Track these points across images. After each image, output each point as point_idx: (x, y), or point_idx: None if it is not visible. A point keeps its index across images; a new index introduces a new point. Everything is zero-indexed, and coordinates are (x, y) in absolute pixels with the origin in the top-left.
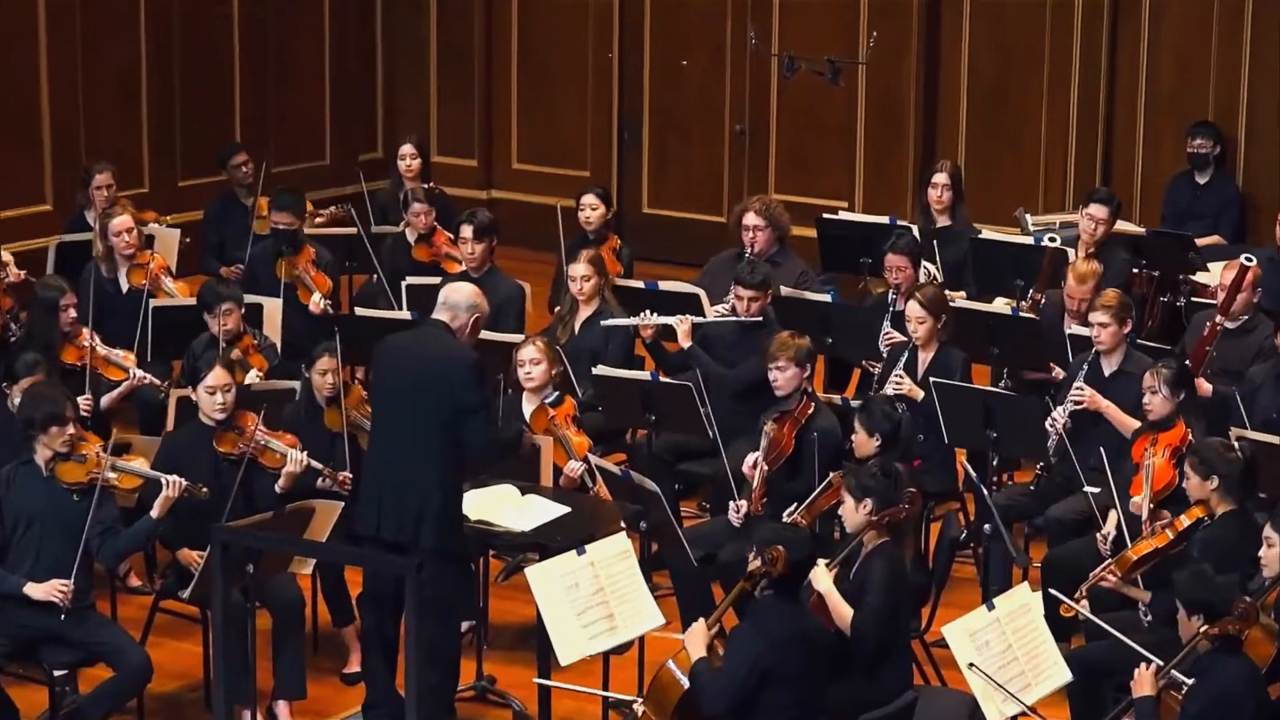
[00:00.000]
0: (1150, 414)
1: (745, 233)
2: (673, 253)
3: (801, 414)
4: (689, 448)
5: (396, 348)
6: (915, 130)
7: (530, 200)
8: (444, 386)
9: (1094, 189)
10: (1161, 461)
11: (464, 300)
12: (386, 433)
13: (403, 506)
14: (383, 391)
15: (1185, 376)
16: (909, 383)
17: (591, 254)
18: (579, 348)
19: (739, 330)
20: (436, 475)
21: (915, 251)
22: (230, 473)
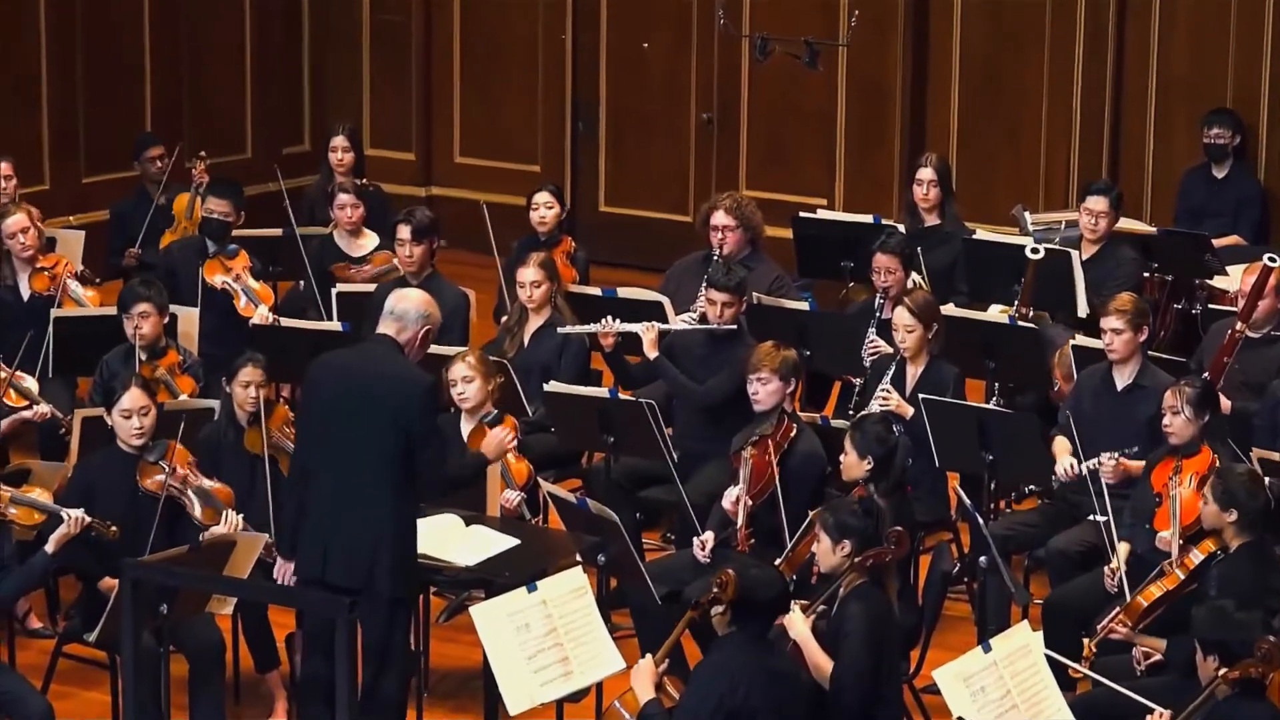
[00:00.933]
0: (1171, 436)
1: (713, 233)
2: (633, 256)
3: (784, 437)
4: (651, 473)
5: (338, 367)
6: (902, 120)
7: (474, 198)
8: (396, 413)
9: (1091, 181)
10: (1190, 493)
11: (414, 310)
12: (329, 465)
13: (354, 549)
14: (323, 418)
15: (1210, 396)
16: (897, 397)
17: (543, 257)
18: (529, 362)
19: (709, 341)
20: (390, 513)
21: (907, 252)
22: (150, 508)
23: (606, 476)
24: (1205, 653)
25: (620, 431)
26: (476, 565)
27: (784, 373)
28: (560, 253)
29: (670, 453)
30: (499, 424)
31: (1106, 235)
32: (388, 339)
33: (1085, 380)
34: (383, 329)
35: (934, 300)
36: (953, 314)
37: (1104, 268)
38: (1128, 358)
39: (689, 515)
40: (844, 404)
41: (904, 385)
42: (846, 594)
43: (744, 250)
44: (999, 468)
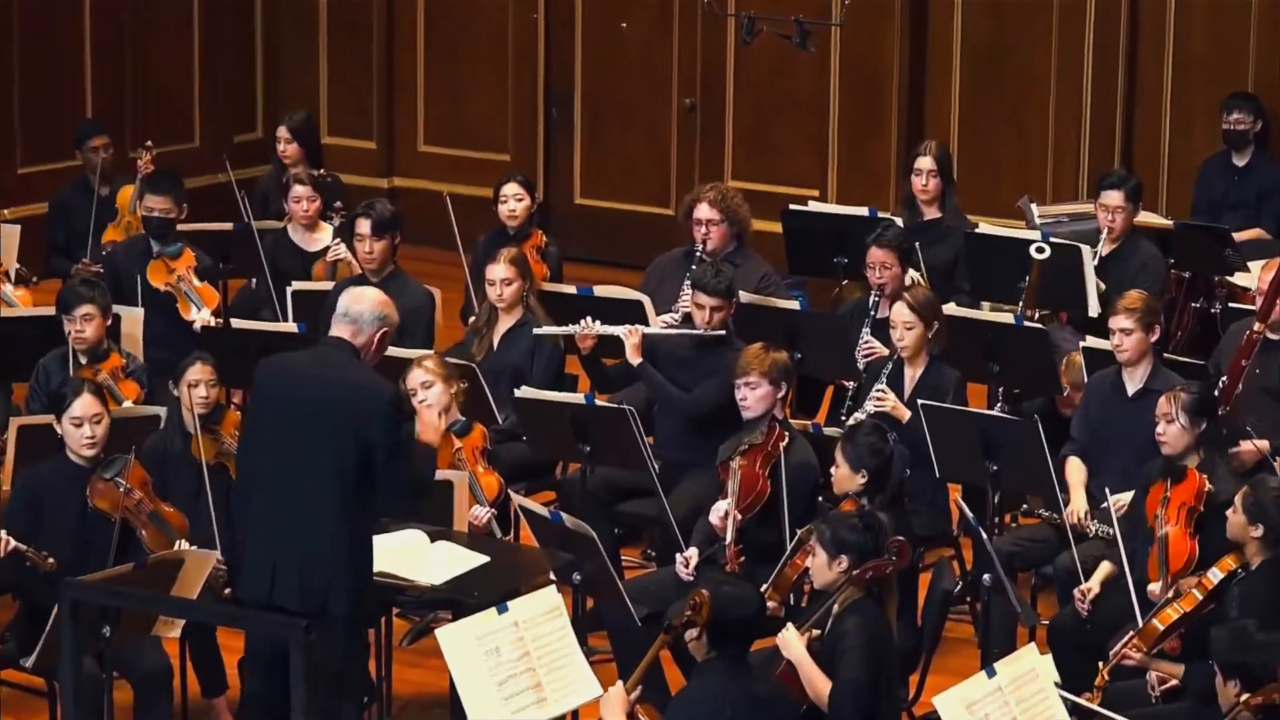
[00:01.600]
0: (1165, 446)
1: (697, 228)
2: (610, 252)
3: (774, 446)
4: (630, 484)
5: (288, 373)
6: (899, 105)
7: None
8: (358, 423)
9: (1105, 173)
10: (1177, 531)
11: (369, 311)
12: (278, 478)
13: (307, 570)
14: (272, 426)
15: (1208, 403)
16: (893, 398)
17: (513, 253)
18: (499, 365)
19: (694, 345)
20: (347, 530)
21: (904, 246)
22: (102, 528)
23: (582, 488)
24: (1226, 677)
25: (597, 440)
26: (443, 584)
27: (774, 377)
28: (530, 246)
29: (651, 463)
30: (468, 432)
31: (1125, 231)
32: (342, 342)
33: (1095, 385)
34: (336, 331)
35: (935, 297)
36: (954, 313)
37: (1127, 266)
38: (1138, 360)
39: (671, 530)
40: (837, 410)
41: (902, 389)
42: (842, 610)
43: (729, 246)
44: (1003, 479)
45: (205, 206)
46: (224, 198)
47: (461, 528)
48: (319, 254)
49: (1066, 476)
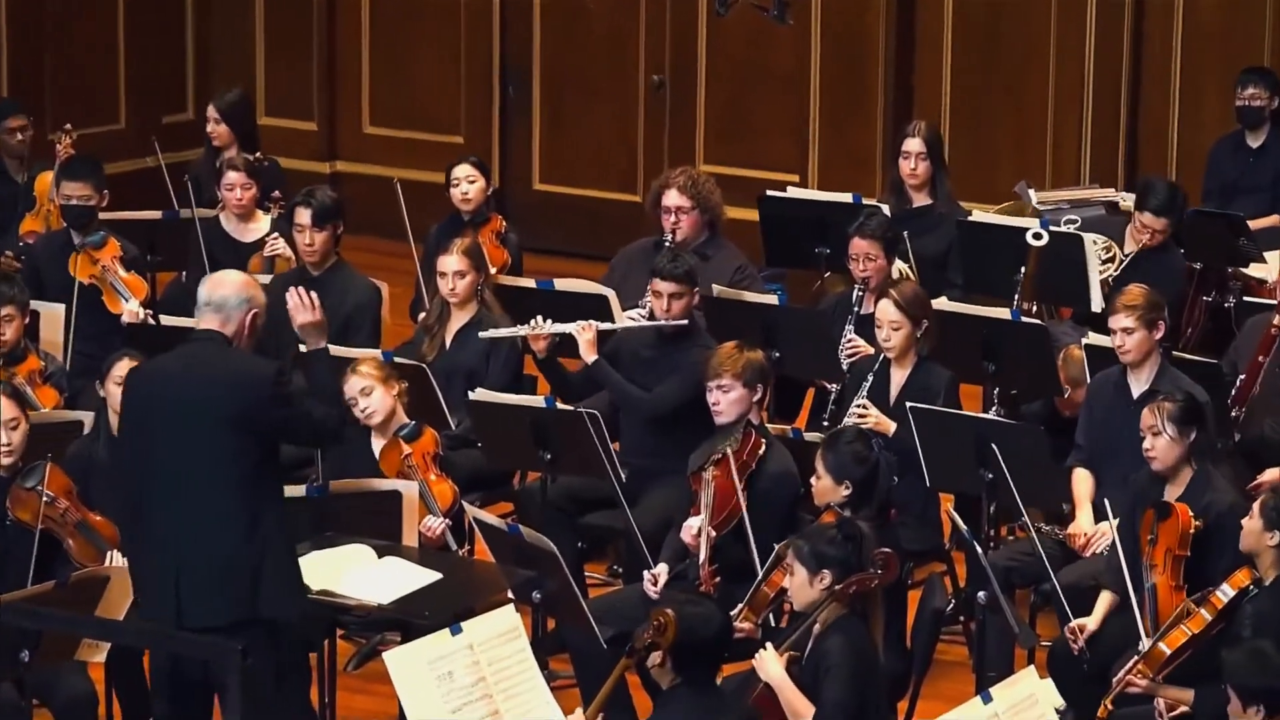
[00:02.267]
0: (1154, 461)
1: (666, 216)
2: (572, 242)
3: (750, 455)
4: (594, 495)
5: (162, 377)
6: (885, 83)
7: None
8: (242, 414)
9: (1147, 184)
10: (1164, 581)
11: (233, 294)
12: (169, 490)
13: (222, 584)
14: (152, 438)
15: (1195, 410)
16: (875, 413)
17: (467, 243)
18: (452, 365)
19: (658, 341)
20: (264, 525)
21: (890, 236)
22: (22, 540)
23: (542, 499)
24: (1246, 703)
25: (558, 447)
26: (391, 604)
27: (749, 378)
28: (489, 232)
29: (617, 471)
30: (418, 436)
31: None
32: (212, 334)
33: (1097, 387)
34: (204, 324)
35: (924, 292)
36: (946, 308)
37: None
38: (1142, 360)
39: (639, 545)
40: (818, 414)
41: (888, 392)
42: (824, 629)
43: (701, 235)
44: (1000, 488)
45: (129, 194)
46: (152, 184)
47: (411, 541)
48: (255, 246)
49: (1073, 490)
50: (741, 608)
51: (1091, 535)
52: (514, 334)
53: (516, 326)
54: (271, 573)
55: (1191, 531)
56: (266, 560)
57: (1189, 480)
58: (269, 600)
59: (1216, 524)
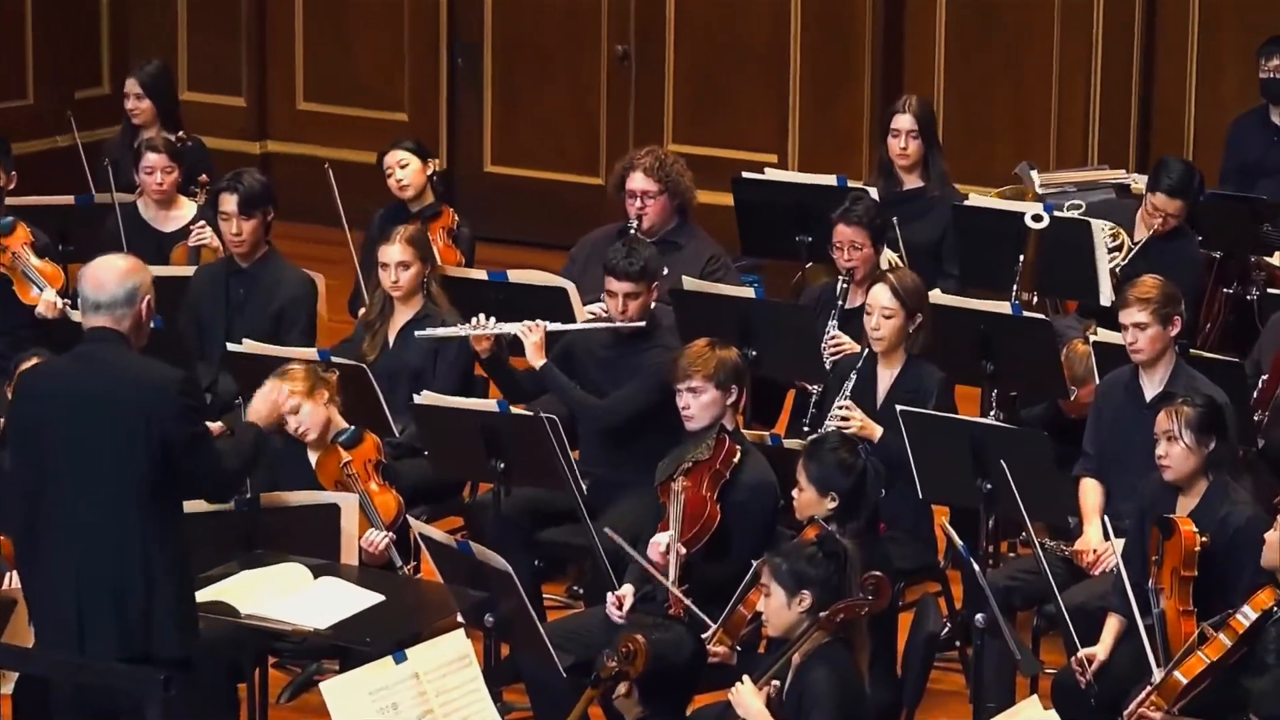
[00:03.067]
0: (1167, 470)
1: (631, 201)
2: (527, 230)
3: (724, 463)
4: (553, 508)
5: (55, 384)
6: (873, 54)
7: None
8: (148, 422)
9: (1160, 163)
10: (1173, 606)
11: (119, 286)
12: (65, 506)
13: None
14: (45, 449)
15: (1217, 419)
16: (860, 415)
17: (412, 231)
18: (395, 365)
19: (616, 343)
20: (159, 555)
21: (878, 223)
22: None
23: (495, 513)
24: None
25: (512, 455)
26: (328, 628)
27: (722, 379)
28: (440, 228)
29: (578, 482)
30: (358, 442)
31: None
32: (106, 333)
33: (1106, 389)
34: (94, 322)
35: (923, 284)
36: (940, 301)
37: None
38: (1156, 359)
39: (602, 563)
40: (799, 418)
41: (874, 393)
42: (806, 658)
43: (670, 222)
44: (1000, 500)
45: (39, 176)
46: (64, 165)
47: (351, 559)
48: (178, 235)
49: (1080, 501)
50: (715, 630)
51: (1101, 552)
52: (453, 335)
53: (456, 326)
54: (164, 606)
55: (1197, 549)
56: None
57: (1204, 493)
58: (162, 638)
59: (1234, 540)
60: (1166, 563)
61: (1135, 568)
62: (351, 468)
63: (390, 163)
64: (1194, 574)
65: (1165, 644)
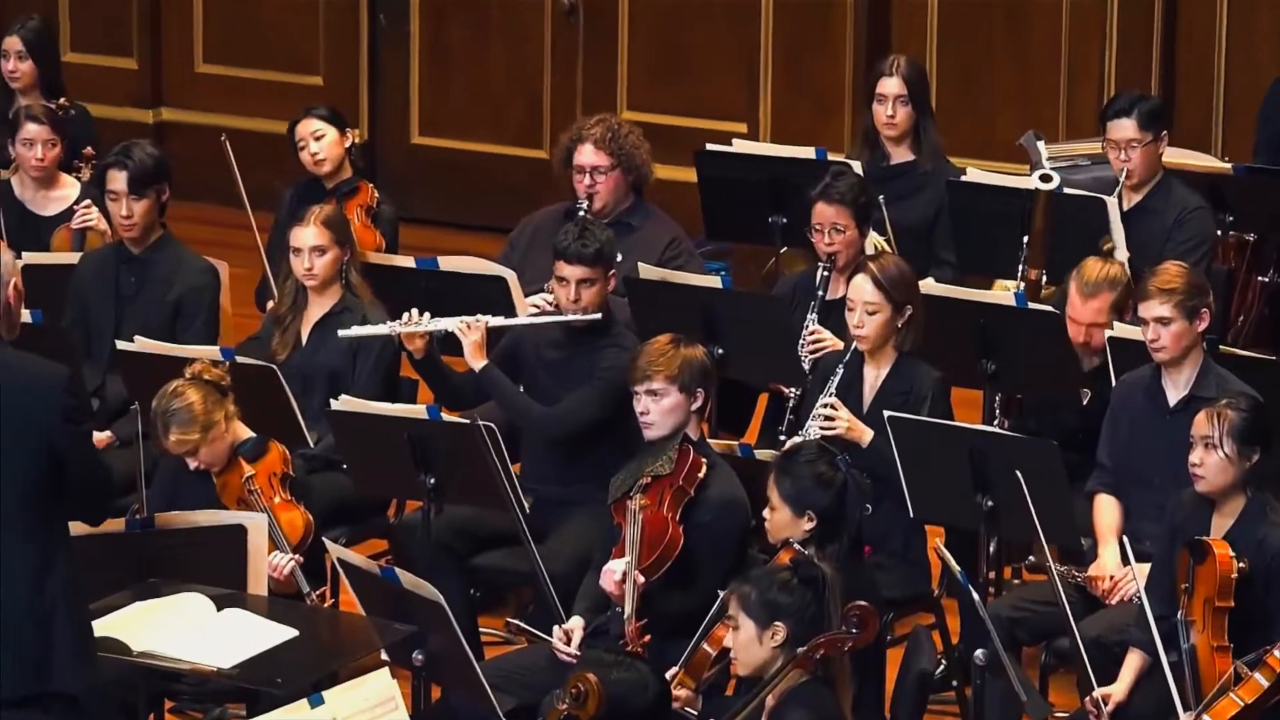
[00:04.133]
0: (1200, 481)
1: (579, 177)
2: (462, 210)
3: (688, 478)
4: (491, 530)
5: None
6: (855, 8)
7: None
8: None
9: (1112, 101)
10: (1205, 641)
11: None
12: None
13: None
14: None
15: (1263, 429)
16: (846, 415)
17: (328, 212)
18: (309, 366)
19: (567, 342)
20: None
21: (861, 201)
22: None
23: (425, 535)
24: None
25: (444, 468)
26: (233, 668)
27: (685, 381)
28: (356, 207)
29: (519, 499)
30: (262, 454)
31: (1149, 174)
32: None
33: (1124, 392)
34: None
35: (910, 271)
36: (933, 292)
37: (1153, 225)
38: (1181, 357)
39: (547, 593)
40: (773, 425)
41: (860, 396)
42: (781, 701)
43: (624, 201)
44: (1003, 518)
45: None
46: None
47: (260, 589)
48: (61, 217)
49: (1095, 521)
50: (677, 671)
51: (1119, 578)
52: (379, 333)
53: (384, 323)
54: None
55: (1234, 576)
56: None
57: (1240, 510)
58: (61, 670)
59: (1274, 565)
60: (1198, 591)
61: (1160, 596)
62: (254, 482)
63: (303, 133)
64: (1230, 604)
65: (1195, 684)
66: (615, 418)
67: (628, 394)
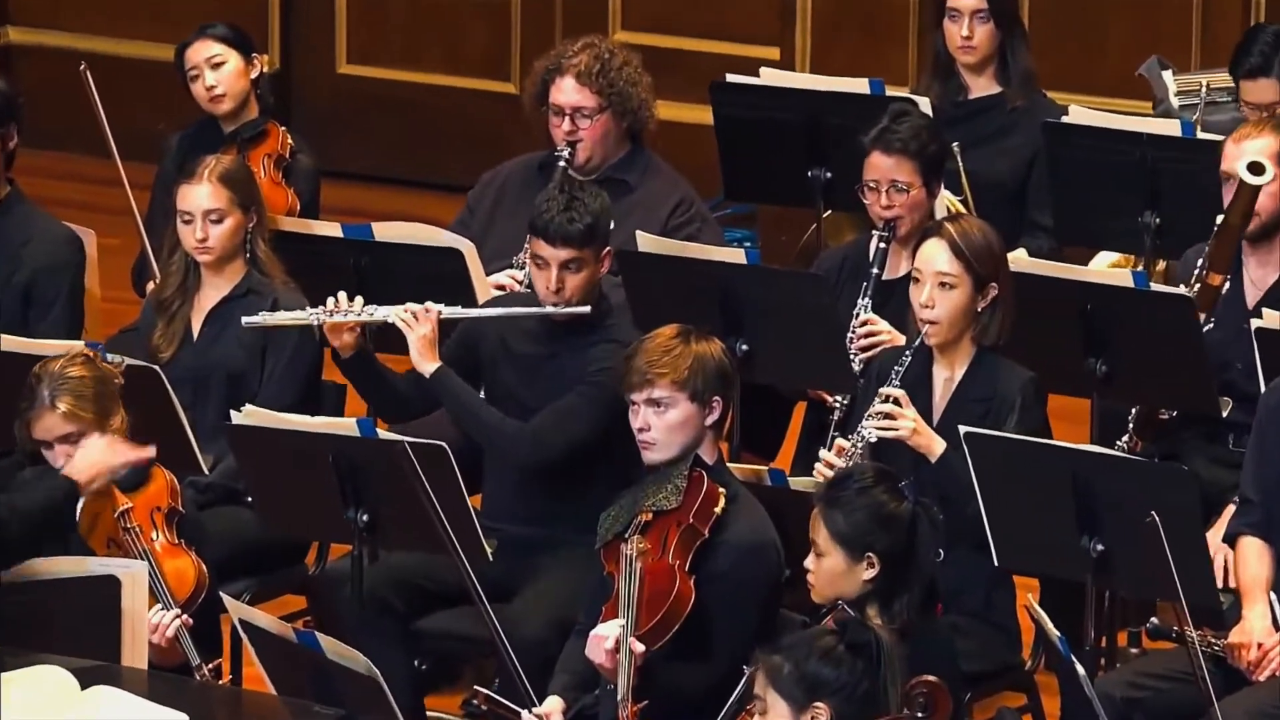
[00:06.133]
0: None
1: (558, 120)
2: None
3: (701, 514)
4: (440, 583)
5: None
6: None
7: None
8: None
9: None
10: None
11: None
12: None
13: None
14: None
15: None
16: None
17: (225, 165)
18: (204, 367)
19: (546, 337)
20: None
21: (931, 151)
22: None
23: (356, 589)
24: None
25: (382, 502)
26: None
27: (697, 387)
28: (264, 157)
29: (481, 543)
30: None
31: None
32: None
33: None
34: None
35: (998, 238)
36: (1024, 269)
37: None
38: None
39: (512, 666)
40: (813, 445)
41: (928, 405)
42: None
43: (617, 151)
44: (1118, 568)
45: None
46: None
47: (137, 659)
48: None
49: (1239, 573)
50: None
51: (1268, 647)
52: (295, 323)
53: (304, 310)
54: None
55: None
56: None
57: None
58: None
59: None
60: None
61: None
62: (131, 518)
63: (195, 60)
64: None
65: None
66: (607, 436)
67: (623, 405)
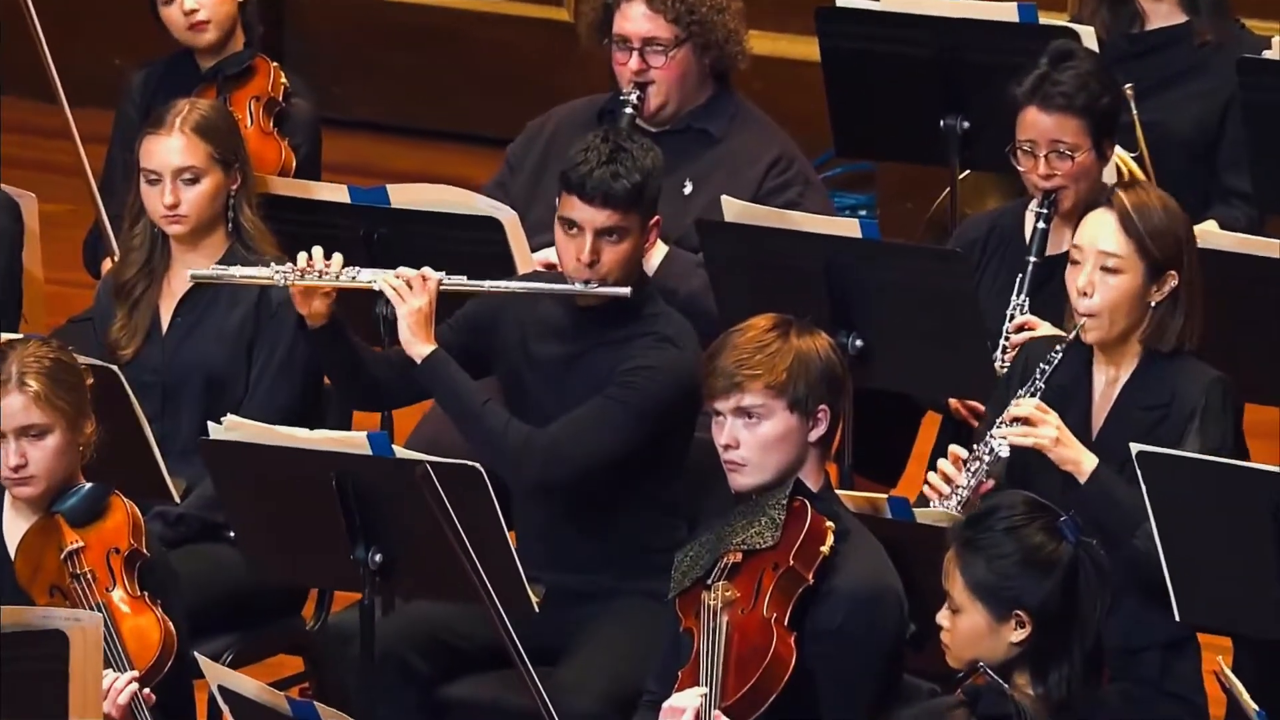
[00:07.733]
0: None
1: (624, 55)
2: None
3: (804, 555)
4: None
5: None
6: None
7: None
8: None
9: None
10: None
11: None
12: None
13: None
14: None
15: None
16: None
17: (205, 111)
18: (174, 367)
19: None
20: None
21: (1102, 103)
22: None
23: (366, 647)
24: None
25: (396, 538)
26: None
27: (799, 394)
28: (252, 100)
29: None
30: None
31: None
32: None
33: None
34: None
35: (1180, 214)
36: (1214, 245)
37: None
38: None
39: None
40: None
41: (1086, 412)
42: None
43: (699, 96)
44: None
45: None
46: None
47: None
48: None
49: None
50: None
51: None
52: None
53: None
54: None
55: None
56: None
57: None
58: None
59: None
60: None
61: None
62: (81, 561)
63: None
64: None
65: None
66: (662, 452)
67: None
